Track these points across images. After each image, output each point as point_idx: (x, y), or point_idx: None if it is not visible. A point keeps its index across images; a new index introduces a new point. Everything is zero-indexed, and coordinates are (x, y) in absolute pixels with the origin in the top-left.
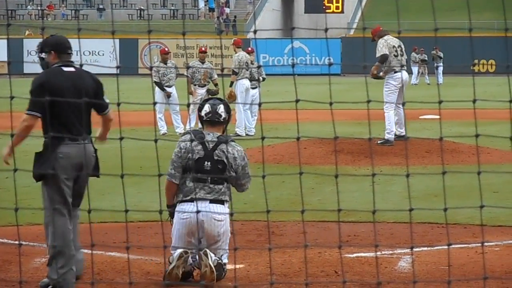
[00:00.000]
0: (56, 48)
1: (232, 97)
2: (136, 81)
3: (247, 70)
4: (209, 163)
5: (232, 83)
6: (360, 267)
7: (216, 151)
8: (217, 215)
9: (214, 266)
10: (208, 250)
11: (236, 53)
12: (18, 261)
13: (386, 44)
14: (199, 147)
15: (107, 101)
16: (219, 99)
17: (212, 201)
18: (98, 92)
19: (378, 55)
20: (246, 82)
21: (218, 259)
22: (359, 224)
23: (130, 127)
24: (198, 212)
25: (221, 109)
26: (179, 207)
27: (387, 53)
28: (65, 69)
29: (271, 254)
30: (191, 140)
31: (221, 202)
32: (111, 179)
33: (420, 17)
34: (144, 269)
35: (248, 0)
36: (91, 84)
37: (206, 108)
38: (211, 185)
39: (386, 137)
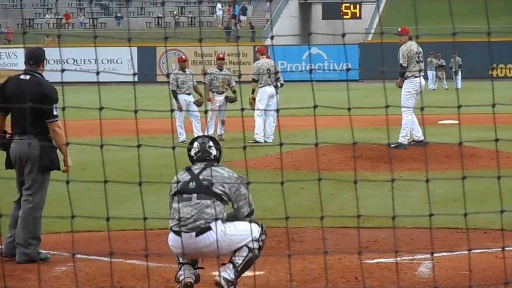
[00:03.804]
0: (24, 59)
1: (252, 104)
2: (154, 88)
3: (269, 77)
4: (193, 183)
5: (253, 90)
6: (380, 273)
7: (203, 172)
8: (204, 248)
9: None
10: (221, 278)
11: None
12: (37, 269)
13: (409, 51)
14: (185, 174)
15: (55, 112)
16: (208, 136)
17: (198, 233)
18: (43, 100)
19: (401, 61)
20: (268, 89)
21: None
22: (379, 229)
23: (149, 134)
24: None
25: (210, 145)
26: (169, 236)
27: (405, 65)
28: (22, 76)
29: (291, 260)
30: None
31: (208, 229)
32: (130, 187)
33: (438, 22)
34: (164, 276)
35: (265, 9)
36: (38, 92)
37: (195, 146)
38: (198, 201)
39: (400, 141)
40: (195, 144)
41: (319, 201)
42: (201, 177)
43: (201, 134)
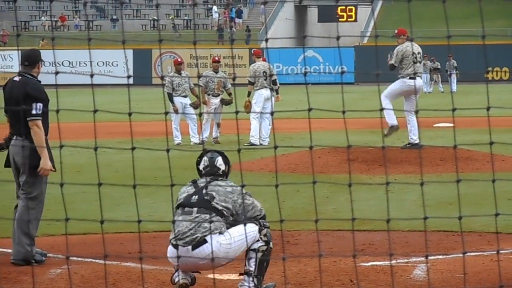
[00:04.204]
0: (20, 60)
1: (248, 107)
2: (150, 91)
3: (265, 79)
4: (196, 196)
5: (249, 93)
6: (375, 276)
7: (208, 187)
8: (201, 261)
9: None
10: None
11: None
12: (32, 272)
13: (404, 52)
14: (191, 187)
15: (33, 111)
16: (217, 151)
17: (194, 247)
18: (24, 100)
19: (392, 61)
20: (264, 92)
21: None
22: (374, 232)
23: (145, 137)
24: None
25: (219, 161)
26: (168, 248)
27: (396, 65)
28: (15, 78)
29: (286, 263)
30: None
31: (204, 242)
32: (125, 190)
33: (433, 25)
34: (159, 279)
35: (260, 11)
36: (22, 92)
37: (204, 161)
38: (197, 215)
39: (389, 124)
40: (204, 158)
41: (314, 204)
42: (204, 191)
43: (196, 136)
